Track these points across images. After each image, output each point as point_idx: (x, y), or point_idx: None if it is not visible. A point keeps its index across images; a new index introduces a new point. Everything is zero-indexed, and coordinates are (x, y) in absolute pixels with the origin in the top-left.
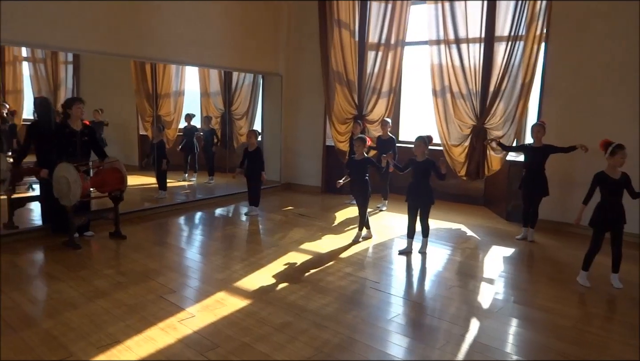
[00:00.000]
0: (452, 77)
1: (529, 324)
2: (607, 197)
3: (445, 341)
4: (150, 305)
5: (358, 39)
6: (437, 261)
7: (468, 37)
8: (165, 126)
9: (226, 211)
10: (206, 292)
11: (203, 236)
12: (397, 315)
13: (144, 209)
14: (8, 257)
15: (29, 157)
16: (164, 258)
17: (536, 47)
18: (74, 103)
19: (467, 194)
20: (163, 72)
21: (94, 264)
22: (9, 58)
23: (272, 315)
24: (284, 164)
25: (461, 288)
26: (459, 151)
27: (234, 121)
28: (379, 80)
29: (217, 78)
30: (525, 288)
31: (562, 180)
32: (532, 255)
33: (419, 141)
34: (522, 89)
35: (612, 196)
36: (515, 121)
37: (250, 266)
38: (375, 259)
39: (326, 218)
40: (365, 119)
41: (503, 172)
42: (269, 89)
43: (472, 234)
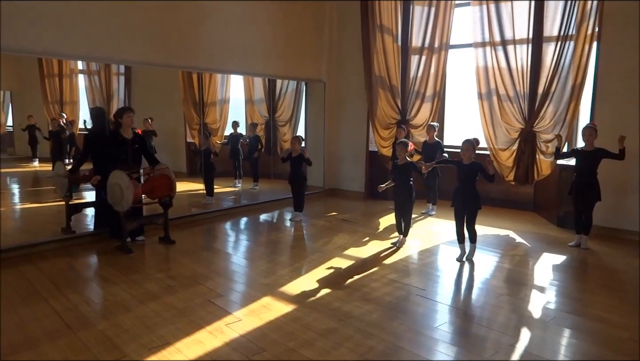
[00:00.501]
0: (499, 80)
1: (583, 335)
2: None
3: (495, 351)
4: (198, 309)
5: (401, 43)
6: (485, 268)
7: (515, 38)
8: (211, 133)
9: (271, 217)
10: (252, 296)
11: (248, 241)
12: (443, 323)
13: (192, 214)
14: (66, 260)
15: (85, 165)
16: (211, 263)
17: (587, 47)
18: (124, 112)
19: (515, 200)
20: (209, 81)
21: (145, 268)
22: (66, 71)
23: (317, 320)
24: (327, 170)
25: (510, 296)
26: (507, 155)
27: (278, 127)
28: (422, 84)
29: (262, 85)
30: (579, 297)
31: (616, 185)
32: (586, 263)
33: (467, 143)
34: (572, 90)
35: None
36: (566, 124)
37: (294, 271)
38: (421, 266)
39: (370, 223)
40: (409, 123)
41: (554, 177)
42: (312, 95)
43: (521, 241)
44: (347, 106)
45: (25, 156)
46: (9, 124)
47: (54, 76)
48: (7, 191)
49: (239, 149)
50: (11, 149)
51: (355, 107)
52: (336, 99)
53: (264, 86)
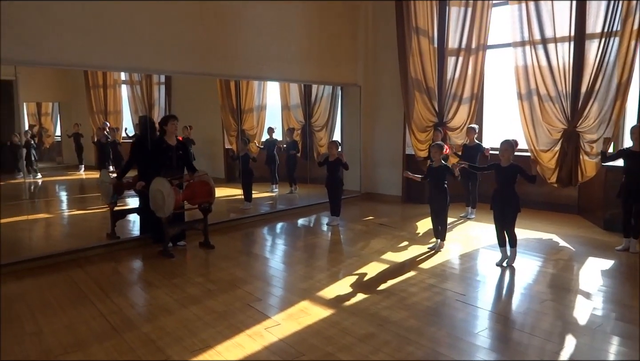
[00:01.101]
0: (539, 79)
1: (632, 342)
2: None
3: (538, 358)
4: (238, 313)
5: (437, 45)
6: (527, 273)
7: (555, 37)
8: (250, 139)
9: (308, 221)
10: (290, 301)
11: (286, 245)
12: (484, 329)
13: (231, 220)
14: (111, 265)
15: (130, 172)
16: (250, 267)
17: (633, 44)
18: (169, 120)
19: (558, 202)
20: (246, 88)
21: (186, 272)
22: (110, 82)
23: (355, 325)
24: (364, 174)
25: (555, 302)
26: (549, 156)
27: (314, 132)
28: (459, 86)
29: (297, 91)
30: (628, 304)
31: None
32: (635, 267)
33: (506, 145)
34: (618, 88)
35: None
36: (612, 124)
37: (332, 275)
38: (461, 271)
39: (407, 227)
40: (447, 126)
41: (599, 178)
42: (348, 99)
43: (565, 245)
44: (383, 110)
45: (73, 165)
46: (57, 134)
47: (98, 87)
48: (56, 198)
49: (274, 155)
50: (60, 158)
51: (391, 110)
52: (372, 102)
53: (299, 92)
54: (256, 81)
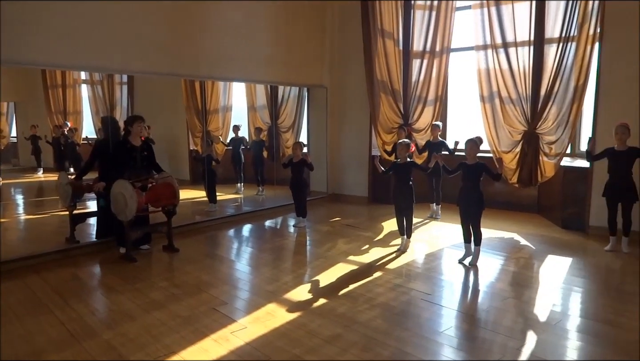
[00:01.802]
0: (501, 82)
1: (590, 337)
2: None
3: (501, 355)
4: (203, 317)
5: (402, 47)
6: (490, 271)
7: (516, 41)
8: (214, 140)
9: (274, 223)
10: (257, 304)
11: (252, 248)
12: (449, 328)
13: (196, 222)
14: (71, 270)
15: (89, 174)
16: (215, 270)
17: (589, 48)
18: (134, 121)
19: (519, 202)
20: (212, 88)
21: (150, 276)
22: (70, 81)
23: (322, 326)
24: (330, 175)
25: (516, 299)
26: (510, 157)
27: (281, 133)
28: (424, 88)
29: (264, 92)
30: (586, 300)
31: None
32: (592, 265)
33: (471, 143)
34: (575, 92)
35: None
36: (569, 126)
37: (299, 277)
38: (426, 270)
39: (374, 228)
40: (412, 127)
41: (558, 178)
42: (314, 101)
43: (526, 243)
44: (350, 111)
45: (30, 167)
46: (12, 135)
47: (57, 87)
48: (11, 201)
49: (240, 153)
50: (15, 160)
51: (357, 112)
52: (338, 104)
53: (266, 93)
54: (222, 82)
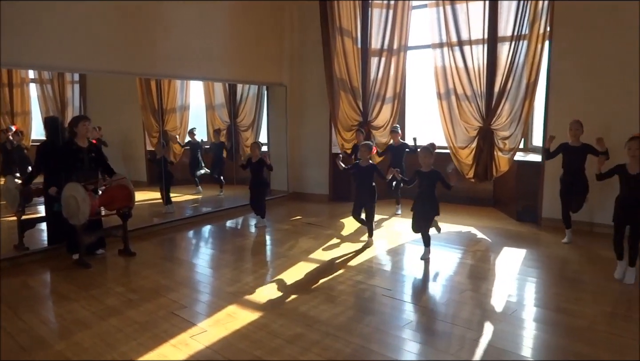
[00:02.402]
0: (457, 80)
1: (544, 326)
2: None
3: (460, 346)
4: (161, 322)
5: (360, 45)
6: (448, 265)
7: (471, 39)
8: (171, 140)
9: (235, 223)
10: (217, 306)
11: (213, 249)
12: (410, 322)
13: (153, 225)
14: (20, 279)
15: (38, 178)
16: (174, 274)
17: (540, 46)
18: (79, 121)
19: (476, 196)
20: (168, 87)
21: (105, 282)
22: (17, 80)
23: (284, 326)
24: (291, 174)
25: (474, 291)
26: (467, 153)
27: (240, 132)
28: (383, 86)
29: (222, 91)
30: (540, 290)
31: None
32: (546, 255)
33: (425, 151)
34: (527, 88)
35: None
36: (522, 121)
37: (260, 278)
38: (387, 266)
39: (335, 226)
40: (371, 125)
41: (511, 173)
42: (273, 99)
43: (482, 237)
44: (310, 109)
45: None
46: None
47: (3, 86)
48: None
49: (198, 158)
50: None
51: (317, 110)
52: (298, 102)
53: (224, 91)
54: (179, 80)
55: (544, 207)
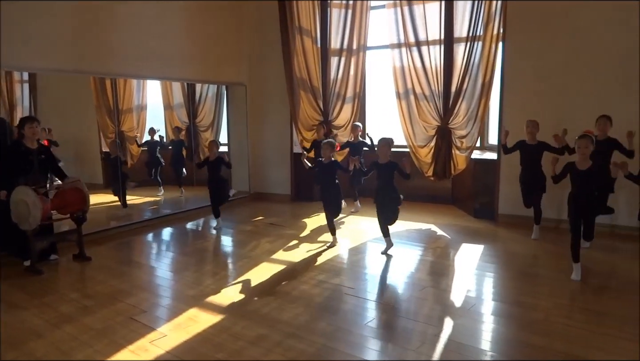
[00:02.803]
0: (415, 79)
1: (502, 319)
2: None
3: (421, 342)
4: (119, 328)
5: (320, 45)
6: (409, 262)
7: (428, 40)
8: (128, 140)
9: (196, 225)
10: (178, 310)
11: (173, 252)
12: (372, 320)
13: (110, 228)
14: None
15: None
16: (133, 278)
17: (494, 47)
18: (25, 123)
19: (435, 194)
20: (124, 86)
21: (59, 289)
22: None
23: (246, 328)
24: (252, 174)
25: (434, 288)
26: (425, 151)
27: (200, 133)
28: (343, 85)
29: (180, 90)
30: (497, 284)
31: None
32: (504, 251)
33: (383, 143)
34: (482, 88)
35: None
36: (478, 120)
37: (222, 280)
38: (349, 265)
39: (297, 226)
40: (332, 124)
41: (469, 171)
42: (233, 99)
43: (442, 234)
44: (270, 109)
45: None
46: None
47: None
48: None
49: (158, 157)
50: None
51: (278, 109)
52: (258, 101)
53: (182, 91)
54: (135, 80)
55: (500, 204)
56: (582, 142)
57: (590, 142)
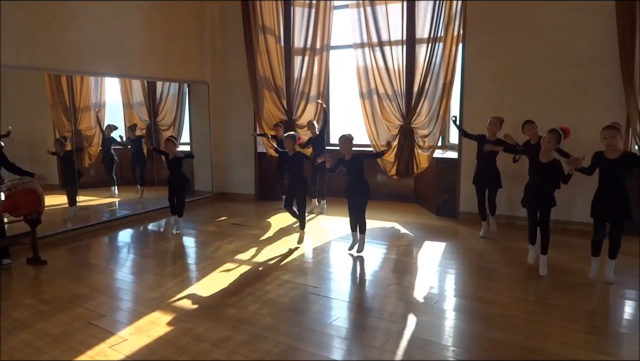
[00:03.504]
0: (378, 79)
1: (463, 315)
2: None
3: (385, 339)
4: (77, 333)
5: (284, 44)
6: (374, 260)
7: (391, 40)
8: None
9: (157, 226)
10: (139, 313)
11: (134, 254)
12: (337, 318)
13: (67, 230)
14: None
15: None
16: (91, 281)
17: (455, 48)
18: None
19: (398, 192)
20: (81, 84)
21: (12, 294)
22: None
23: (210, 330)
24: (215, 174)
25: (398, 285)
26: (388, 151)
27: (161, 132)
28: (306, 85)
29: (140, 88)
30: (459, 281)
31: (513, 175)
32: (464, 247)
33: (344, 139)
34: (443, 88)
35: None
36: (440, 120)
37: (184, 281)
38: (314, 264)
39: (261, 225)
40: (296, 123)
41: (431, 169)
42: (195, 97)
43: (405, 232)
44: (233, 108)
45: None
46: None
47: None
48: None
49: (112, 154)
50: None
51: (241, 108)
52: (222, 100)
53: (142, 89)
54: (92, 77)
55: (461, 201)
56: (548, 136)
57: (554, 138)
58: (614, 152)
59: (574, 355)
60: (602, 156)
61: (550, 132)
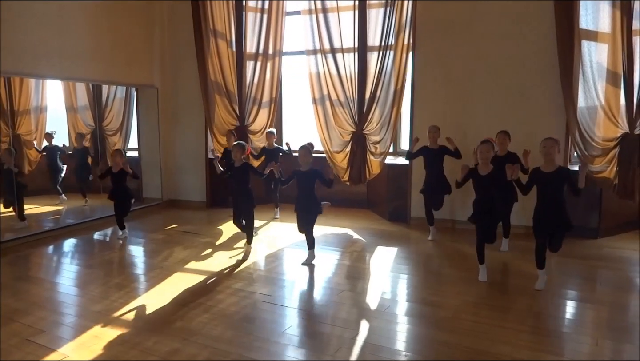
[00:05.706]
0: (330, 86)
1: (415, 319)
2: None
3: (338, 346)
4: (13, 351)
5: (235, 49)
6: (327, 267)
7: (342, 47)
8: (25, 145)
9: (103, 235)
10: (82, 327)
11: (77, 265)
12: (290, 327)
13: (5, 241)
14: None
15: None
16: (30, 295)
17: (405, 56)
18: None
19: (351, 198)
20: (20, 87)
21: None
22: None
23: (158, 343)
24: (165, 180)
25: (351, 291)
26: (342, 157)
27: (107, 137)
28: (259, 90)
29: (85, 92)
30: (410, 285)
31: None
32: (416, 252)
33: (304, 150)
34: (394, 95)
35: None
36: (391, 127)
37: (131, 292)
38: (266, 272)
39: (213, 233)
40: (248, 129)
41: (383, 176)
42: (144, 102)
43: (358, 237)
44: (184, 113)
45: None
46: None
47: None
48: None
49: (57, 163)
50: None
51: (192, 113)
52: (171, 105)
53: (87, 92)
54: (33, 79)
55: (412, 207)
56: (482, 147)
57: (491, 148)
58: (550, 164)
59: (521, 355)
60: (538, 171)
61: (485, 143)
